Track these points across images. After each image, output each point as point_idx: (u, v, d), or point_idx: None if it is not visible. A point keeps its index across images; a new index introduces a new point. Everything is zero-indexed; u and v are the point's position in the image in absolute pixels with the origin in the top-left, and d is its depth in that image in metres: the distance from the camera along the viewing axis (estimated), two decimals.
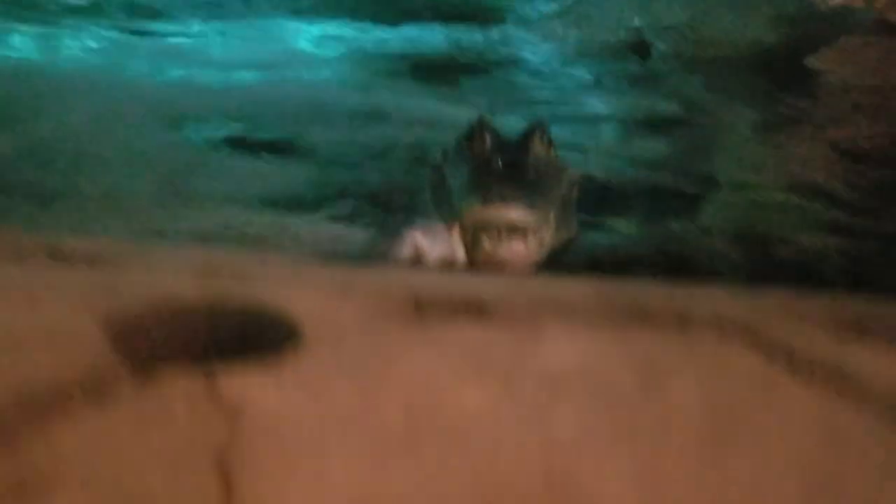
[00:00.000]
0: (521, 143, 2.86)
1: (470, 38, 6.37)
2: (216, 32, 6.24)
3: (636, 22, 5.68)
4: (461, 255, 2.48)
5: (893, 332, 1.56)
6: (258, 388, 1.05)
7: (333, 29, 6.44)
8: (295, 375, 1.08)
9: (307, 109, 4.70)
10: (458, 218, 2.49)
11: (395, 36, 6.38)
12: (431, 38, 6.38)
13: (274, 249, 2.97)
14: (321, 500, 0.90)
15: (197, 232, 2.99)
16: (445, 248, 2.48)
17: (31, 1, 6.11)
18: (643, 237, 3.75)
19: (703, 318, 1.49)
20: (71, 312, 1.22)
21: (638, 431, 1.07)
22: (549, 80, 5.67)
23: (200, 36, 6.26)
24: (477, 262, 2.44)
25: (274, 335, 1.25)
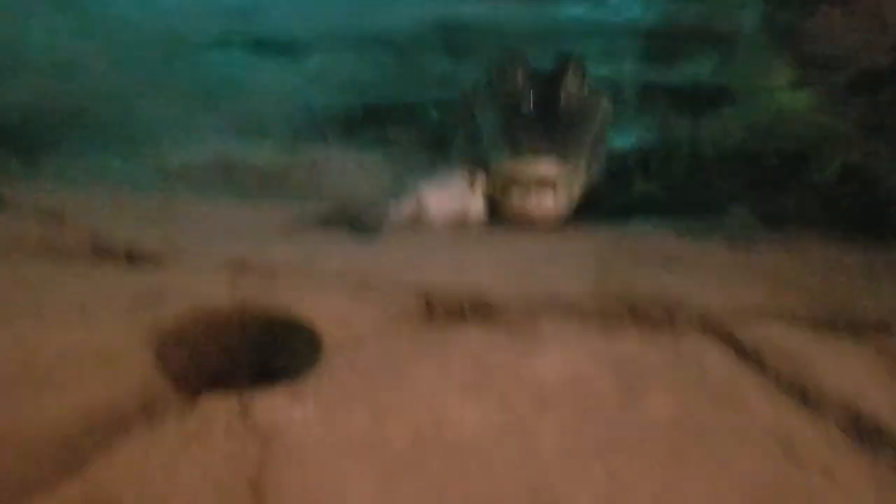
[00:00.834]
0: (553, 80, 2.81)
1: None
2: None
3: None
4: (476, 210, 2.54)
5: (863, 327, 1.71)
6: (285, 411, 1.22)
7: None
8: (316, 399, 1.25)
9: None
10: (486, 168, 2.53)
11: None
12: None
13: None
14: None
15: None
16: (457, 203, 2.51)
17: None
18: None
19: (687, 316, 1.64)
20: (119, 328, 1.38)
21: (613, 447, 1.23)
22: None
23: None
24: (505, 213, 2.50)
25: (299, 345, 1.42)
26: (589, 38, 4.15)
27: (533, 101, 2.71)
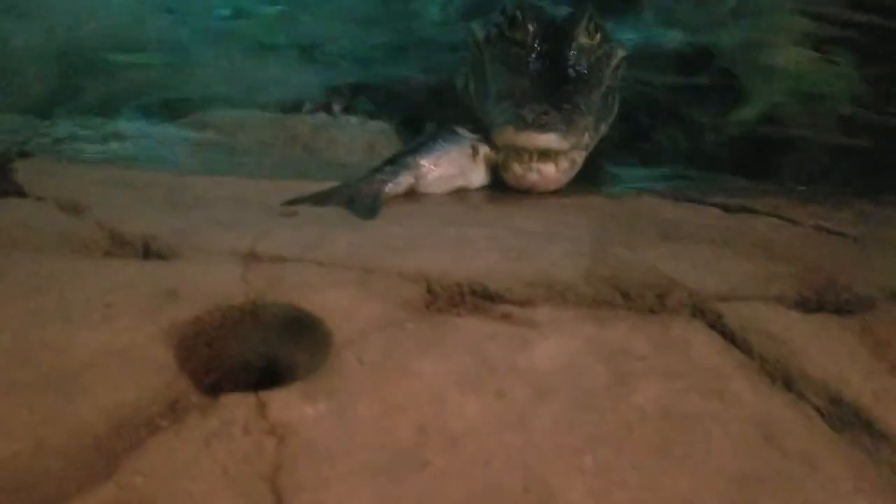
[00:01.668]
0: (565, 30, 2.74)
1: None
2: None
3: None
4: (477, 179, 2.55)
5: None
6: (299, 409, 1.31)
7: None
8: (328, 395, 1.34)
9: None
10: (489, 131, 2.50)
11: None
12: None
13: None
14: None
15: None
16: (456, 176, 2.51)
17: None
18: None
19: (678, 301, 1.72)
20: (140, 327, 1.47)
21: (604, 438, 1.33)
22: None
23: None
24: (506, 179, 2.50)
25: (311, 341, 1.50)
26: None
27: (543, 55, 2.65)
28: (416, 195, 2.45)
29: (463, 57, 3.11)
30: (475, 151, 2.52)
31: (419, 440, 1.28)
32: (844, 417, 1.42)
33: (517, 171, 2.45)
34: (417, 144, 2.53)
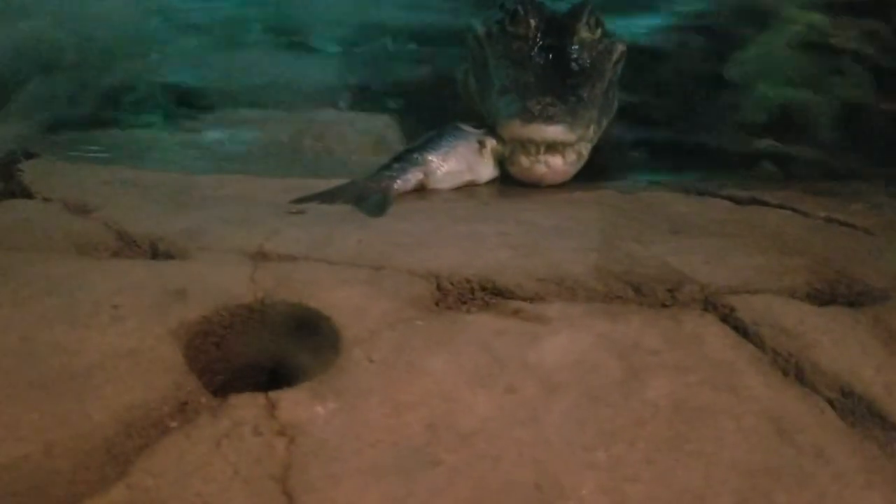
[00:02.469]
0: (566, 26, 2.75)
1: None
2: None
3: None
4: (485, 174, 2.55)
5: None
6: (309, 408, 1.31)
7: None
8: (337, 395, 1.34)
9: None
10: (494, 124, 2.51)
11: None
12: None
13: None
14: None
15: None
16: (465, 171, 2.52)
17: None
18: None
19: (689, 295, 1.71)
20: (149, 328, 1.47)
21: (616, 433, 1.32)
22: None
23: None
24: (513, 172, 2.51)
25: (320, 340, 1.50)
26: None
27: (545, 49, 2.66)
28: (424, 191, 2.45)
29: (462, 55, 3.12)
30: (482, 146, 2.52)
31: (430, 438, 1.28)
32: (857, 410, 1.41)
33: (524, 163, 2.45)
34: (425, 141, 2.53)
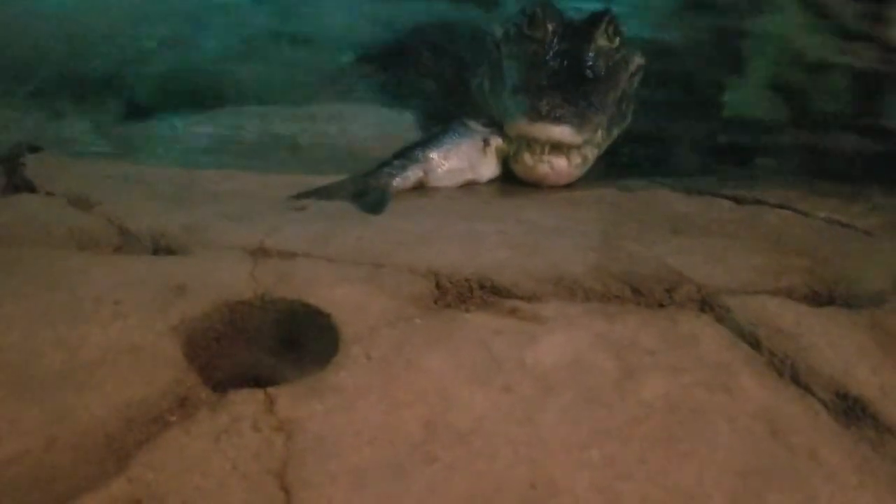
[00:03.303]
0: (584, 32, 2.74)
1: None
2: None
3: None
4: (487, 173, 2.54)
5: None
6: (307, 405, 1.32)
7: None
8: (336, 391, 1.35)
9: None
10: (502, 122, 2.51)
11: None
12: None
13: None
14: None
15: None
16: (465, 170, 2.51)
17: None
18: None
19: (687, 295, 1.72)
20: (150, 324, 1.49)
21: (611, 432, 1.33)
22: None
23: None
24: (517, 171, 2.50)
25: (319, 337, 1.51)
26: None
27: (561, 54, 2.66)
28: (425, 189, 2.45)
29: (476, 60, 3.10)
30: (486, 144, 2.51)
31: (426, 435, 1.29)
32: (851, 412, 1.42)
33: (528, 162, 2.44)
34: (428, 138, 2.53)
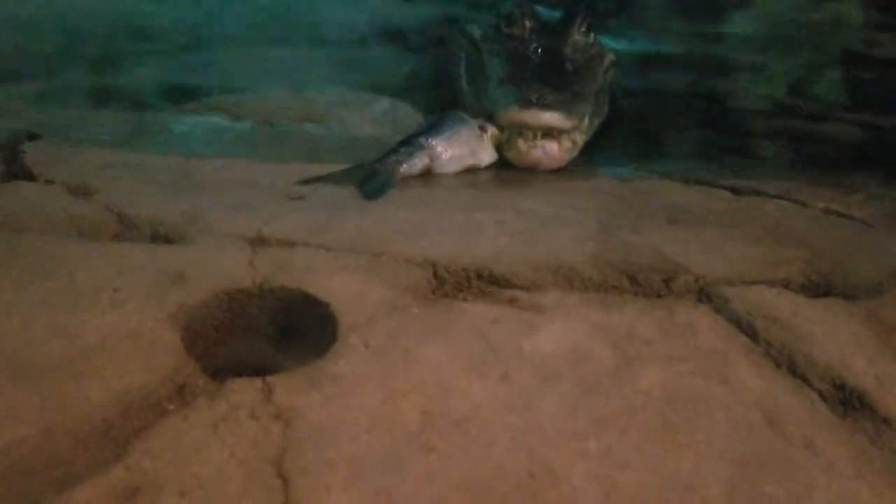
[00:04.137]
0: (560, 29, 2.92)
1: None
2: None
3: None
4: (487, 158, 2.60)
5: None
6: (304, 394, 1.32)
7: None
8: (333, 380, 1.35)
9: None
10: (492, 114, 2.58)
11: None
12: None
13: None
14: (356, 498, 1.19)
15: None
16: (467, 156, 2.56)
17: None
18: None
19: (684, 285, 1.72)
20: (148, 311, 1.49)
21: (608, 422, 1.33)
22: None
23: None
24: (511, 158, 2.58)
25: (317, 325, 1.52)
26: None
27: (540, 49, 2.79)
28: (427, 176, 2.47)
29: (454, 59, 3.25)
30: (483, 131, 2.59)
31: (424, 424, 1.30)
32: (847, 402, 1.43)
33: (522, 147, 2.53)
34: (429, 126, 2.58)
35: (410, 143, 2.48)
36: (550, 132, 2.51)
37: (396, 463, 1.23)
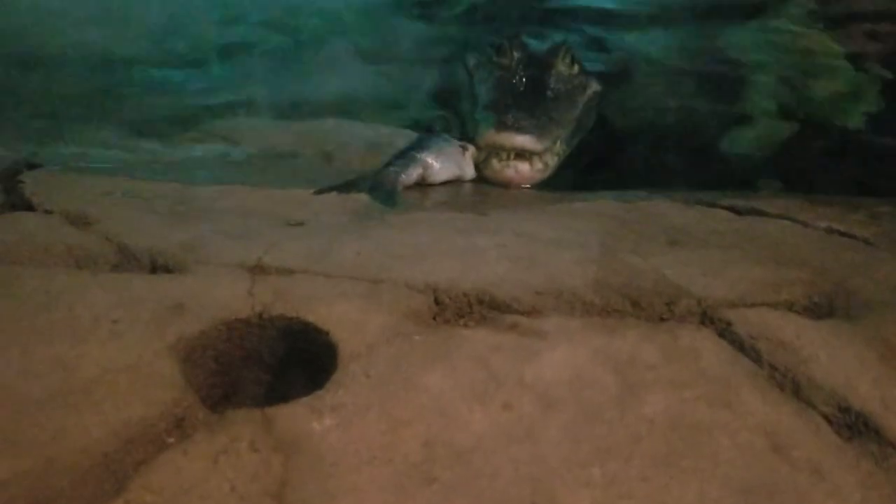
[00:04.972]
0: (544, 61, 3.24)
1: None
2: None
3: None
4: (469, 173, 2.90)
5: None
6: (305, 425, 1.31)
7: None
8: (334, 411, 1.34)
9: None
10: (473, 135, 2.88)
11: None
12: None
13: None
14: None
15: None
16: (454, 168, 2.85)
17: None
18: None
19: (687, 309, 1.71)
20: (148, 343, 1.48)
21: (612, 450, 1.32)
22: None
23: None
24: (486, 176, 2.88)
25: (317, 355, 1.51)
26: None
27: (525, 78, 3.09)
28: (424, 195, 2.70)
29: (456, 84, 3.58)
30: (464, 149, 2.88)
31: (426, 455, 1.28)
32: (853, 426, 1.42)
33: (496, 166, 2.83)
34: (418, 141, 2.89)
35: (405, 156, 2.78)
36: (523, 154, 2.79)
37: (398, 495, 1.21)
